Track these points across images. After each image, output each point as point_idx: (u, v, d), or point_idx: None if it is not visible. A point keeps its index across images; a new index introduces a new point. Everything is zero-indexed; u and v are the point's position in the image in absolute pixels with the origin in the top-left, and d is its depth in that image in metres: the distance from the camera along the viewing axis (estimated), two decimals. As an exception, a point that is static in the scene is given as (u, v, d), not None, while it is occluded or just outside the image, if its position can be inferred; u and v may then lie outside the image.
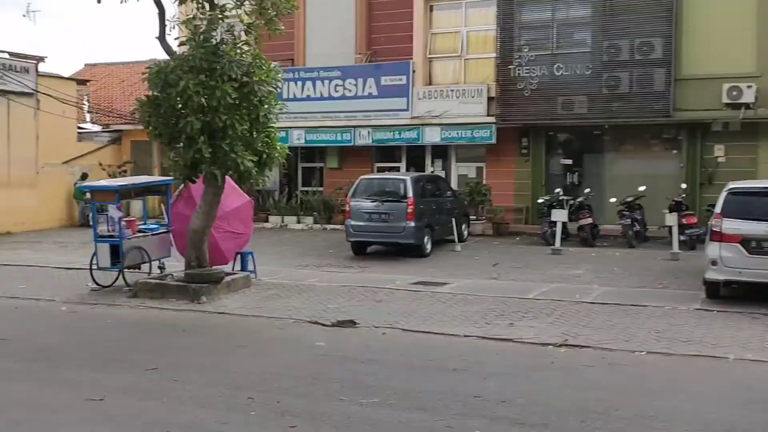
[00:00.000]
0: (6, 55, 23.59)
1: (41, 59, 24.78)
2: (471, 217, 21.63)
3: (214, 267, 13.44)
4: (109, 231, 13.75)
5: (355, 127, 24.16)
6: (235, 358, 9.08)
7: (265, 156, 13.29)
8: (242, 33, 13.53)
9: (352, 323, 10.80)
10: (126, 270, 13.72)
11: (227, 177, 13.20)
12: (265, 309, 11.88)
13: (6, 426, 6.59)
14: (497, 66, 22.19)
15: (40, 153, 24.40)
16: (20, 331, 10.70)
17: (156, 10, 13.55)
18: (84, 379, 8.06)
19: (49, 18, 52.85)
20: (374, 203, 17.61)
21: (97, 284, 13.72)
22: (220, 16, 13.01)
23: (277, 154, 13.53)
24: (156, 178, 19.25)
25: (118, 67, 33.09)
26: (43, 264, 16.78)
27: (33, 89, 23.81)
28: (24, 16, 35.68)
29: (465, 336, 10.01)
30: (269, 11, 13.29)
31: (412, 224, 17.24)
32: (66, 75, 28.92)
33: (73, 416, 6.86)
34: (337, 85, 24.40)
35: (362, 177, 18.87)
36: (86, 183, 21.12)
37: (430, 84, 23.75)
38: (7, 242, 21.19)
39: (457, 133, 22.88)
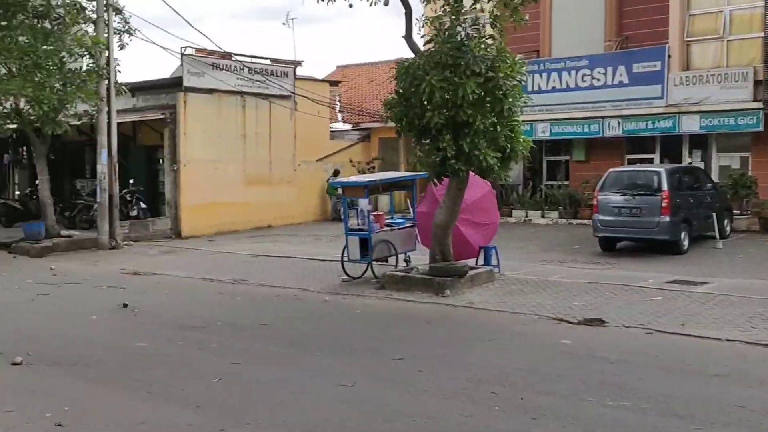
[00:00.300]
0: (268, 62, 25.48)
1: (298, 64, 26.54)
2: (734, 211, 19.95)
3: (458, 261, 13.49)
4: (359, 225, 14.31)
5: (603, 117, 23.26)
6: (479, 352, 9.01)
7: (508, 150, 13.11)
8: (487, 26, 13.43)
9: (600, 322, 10.32)
10: (374, 262, 14.19)
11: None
12: (509, 304, 11.71)
13: (266, 406, 7.00)
14: (765, 46, 20.28)
15: (297, 151, 26.07)
16: (279, 318, 11.41)
17: (403, 10, 13.87)
18: (336, 365, 8.38)
19: (305, 24, 56.83)
20: (625, 197, 16.80)
21: (348, 275, 14.31)
22: (455, 14, 12.98)
23: (521, 148, 13.30)
24: (402, 173, 19.76)
25: (367, 67, 34.51)
26: (299, 255, 17.86)
27: (291, 92, 25.50)
28: (283, 24, 38.42)
29: (727, 340, 9.18)
30: (514, 0, 13.08)
31: (667, 219, 16.23)
32: (320, 77, 30.69)
33: (325, 400, 7.13)
34: (584, 75, 23.61)
35: (611, 170, 18.10)
36: (338, 179, 22.20)
37: (687, 69, 22.22)
38: (268, 235, 22.89)
39: (719, 121, 21.22)
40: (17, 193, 28.38)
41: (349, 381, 7.64)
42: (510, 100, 12.78)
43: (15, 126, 20.57)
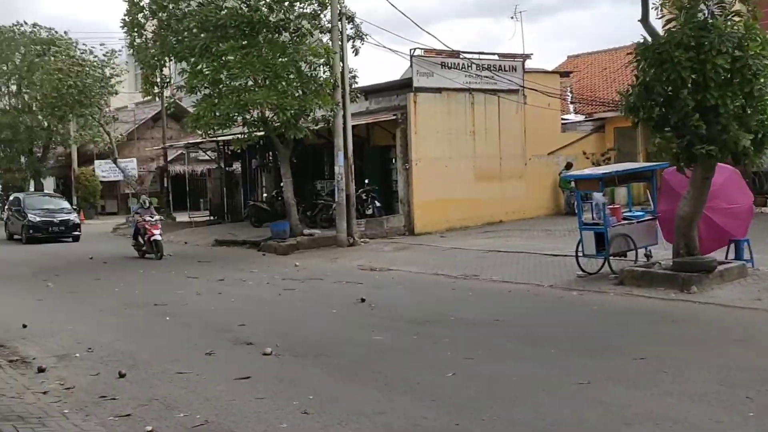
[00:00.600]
0: (496, 57, 25.35)
1: (527, 56, 26.12)
2: None
3: (706, 255, 12.56)
4: (593, 219, 13.85)
5: None
6: (731, 354, 8.31)
7: (760, 134, 12.01)
8: (735, 3, 12.40)
9: None
10: (611, 257, 13.63)
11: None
12: (765, 302, 10.75)
13: (501, 402, 6.92)
14: None
15: (527, 145, 25.69)
16: (512, 313, 11.28)
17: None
18: (572, 363, 8.12)
19: (533, 16, 55.99)
20: None
21: (583, 271, 13.86)
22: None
23: (774, 133, 12.13)
24: (640, 164, 18.82)
25: (599, 56, 33.29)
26: (531, 250, 17.53)
27: (520, 86, 25.17)
28: (511, 18, 38.11)
29: None
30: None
31: None
32: (549, 69, 30.04)
33: (561, 398, 6.93)
34: None
35: None
36: (570, 172, 21.61)
37: None
38: (499, 230, 22.75)
39: None
40: (264, 195, 30.56)
41: (585, 379, 7.37)
42: (762, 80, 11.74)
43: (261, 133, 22.14)
